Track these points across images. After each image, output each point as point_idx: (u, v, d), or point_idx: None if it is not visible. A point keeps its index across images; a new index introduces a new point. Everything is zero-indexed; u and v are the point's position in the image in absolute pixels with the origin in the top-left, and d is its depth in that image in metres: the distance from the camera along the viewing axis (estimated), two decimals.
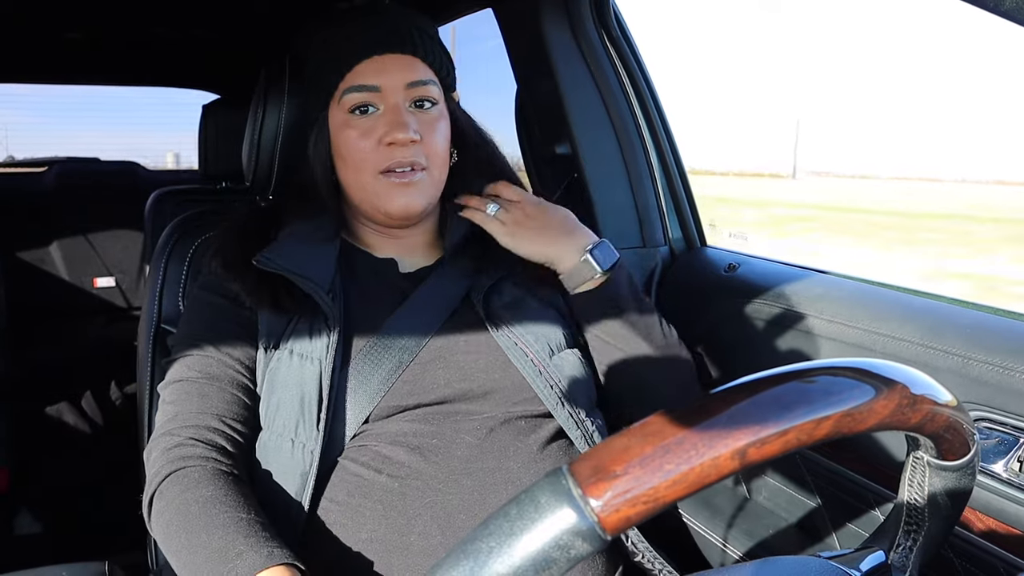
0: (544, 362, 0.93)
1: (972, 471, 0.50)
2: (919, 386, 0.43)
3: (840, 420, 0.38)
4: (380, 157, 0.93)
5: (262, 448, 0.89)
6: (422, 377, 0.90)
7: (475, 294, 0.97)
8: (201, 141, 1.72)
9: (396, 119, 0.92)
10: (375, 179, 0.94)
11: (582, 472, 0.35)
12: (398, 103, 0.93)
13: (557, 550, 0.33)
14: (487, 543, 0.34)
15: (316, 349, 0.88)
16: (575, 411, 0.93)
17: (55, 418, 2.41)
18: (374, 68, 0.93)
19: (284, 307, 0.90)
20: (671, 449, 0.34)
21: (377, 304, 0.95)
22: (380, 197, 0.94)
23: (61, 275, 2.81)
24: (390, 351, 0.90)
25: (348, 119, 0.94)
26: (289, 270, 0.91)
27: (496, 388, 0.91)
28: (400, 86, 0.93)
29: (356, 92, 0.93)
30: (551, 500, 0.34)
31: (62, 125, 5.04)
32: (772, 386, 0.38)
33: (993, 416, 0.90)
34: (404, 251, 1.02)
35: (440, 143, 0.96)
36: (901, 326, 1.03)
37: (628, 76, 1.50)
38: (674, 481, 0.34)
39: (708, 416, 0.36)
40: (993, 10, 0.51)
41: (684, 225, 1.55)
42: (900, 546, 0.55)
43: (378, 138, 0.92)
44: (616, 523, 0.34)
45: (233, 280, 0.93)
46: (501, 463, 0.88)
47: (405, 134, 0.91)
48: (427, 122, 0.95)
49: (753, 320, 1.26)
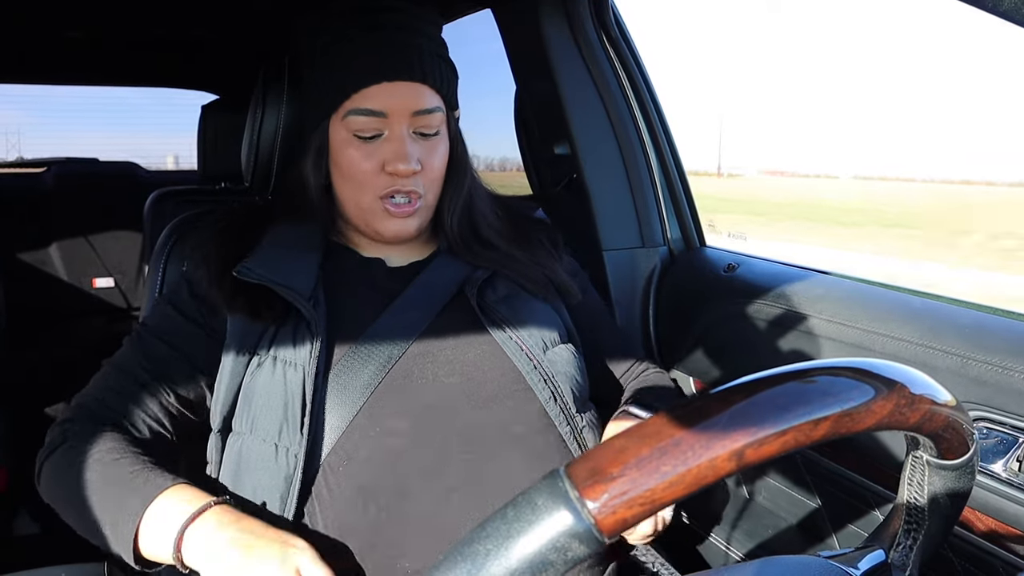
0: (539, 356, 0.93)
1: (972, 470, 0.50)
2: (917, 386, 0.43)
3: (838, 420, 0.37)
4: (381, 183, 0.93)
5: (246, 451, 0.88)
6: (411, 373, 0.90)
7: (469, 288, 0.97)
8: (200, 142, 1.72)
9: (400, 149, 0.92)
10: (373, 201, 0.94)
11: (579, 474, 0.35)
12: (403, 132, 0.92)
13: (554, 552, 0.33)
14: (484, 545, 0.34)
15: (299, 355, 0.88)
16: (567, 406, 0.93)
17: (54, 419, 2.40)
18: (383, 93, 0.91)
19: (262, 316, 0.90)
20: (668, 451, 0.34)
21: (363, 304, 0.94)
22: (376, 220, 0.95)
23: (60, 275, 2.81)
24: (378, 350, 0.90)
25: (351, 139, 0.93)
26: (270, 279, 0.90)
27: (487, 381, 0.91)
28: (407, 114, 0.92)
29: (362, 116, 0.92)
30: (548, 502, 0.34)
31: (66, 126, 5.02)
32: (769, 387, 0.38)
33: (992, 416, 0.90)
34: (394, 251, 1.02)
35: (439, 167, 0.97)
36: (900, 326, 1.03)
37: (627, 76, 1.50)
38: (671, 483, 0.34)
39: (705, 417, 0.36)
40: (991, 10, 0.51)
41: (683, 225, 1.55)
42: (900, 545, 0.55)
43: (380, 163, 0.93)
44: (613, 525, 0.34)
45: (212, 289, 0.93)
46: (496, 454, 0.87)
47: (407, 165, 0.92)
48: (428, 148, 0.95)
49: (752, 320, 1.26)
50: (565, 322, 1.02)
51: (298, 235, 0.97)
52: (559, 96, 1.46)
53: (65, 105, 3.90)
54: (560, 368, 0.94)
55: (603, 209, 1.48)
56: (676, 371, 1.44)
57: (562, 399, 0.93)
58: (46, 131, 4.26)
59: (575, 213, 1.50)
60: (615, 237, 1.49)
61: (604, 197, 1.49)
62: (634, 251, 1.51)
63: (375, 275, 0.99)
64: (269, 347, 0.89)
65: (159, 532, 0.78)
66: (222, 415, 0.91)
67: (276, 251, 0.95)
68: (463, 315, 0.95)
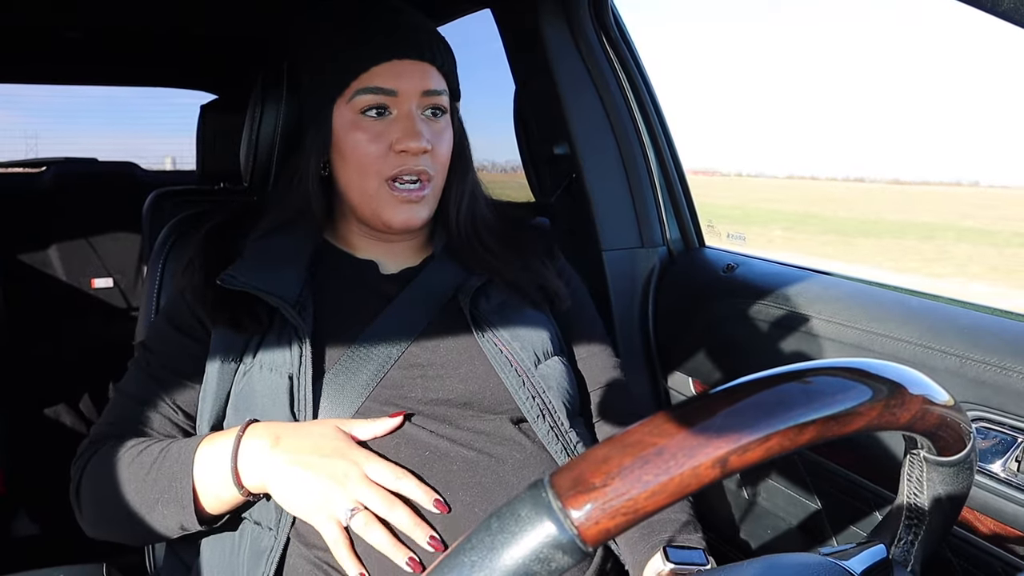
0: (529, 371, 0.91)
1: (970, 466, 0.50)
2: (908, 384, 0.42)
3: (824, 424, 0.37)
4: (389, 164, 0.91)
5: None
6: (400, 386, 0.88)
7: (463, 295, 0.94)
8: (199, 142, 1.72)
9: (410, 127, 0.90)
10: (380, 186, 0.92)
11: (562, 484, 0.34)
12: (412, 110, 0.91)
13: (538, 563, 0.33)
14: (469, 557, 0.34)
15: (287, 363, 0.86)
16: (557, 422, 0.90)
17: (53, 419, 2.40)
18: (393, 72, 0.90)
19: (243, 327, 0.89)
20: (650, 460, 0.34)
21: (354, 310, 0.93)
22: (384, 207, 0.92)
23: (59, 275, 2.81)
24: (368, 359, 0.88)
25: (358, 120, 0.91)
26: (253, 286, 0.88)
27: (474, 399, 0.89)
28: (416, 93, 0.91)
29: (372, 94, 0.90)
30: (531, 513, 0.34)
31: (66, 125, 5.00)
32: (752, 393, 0.37)
33: (991, 416, 0.90)
34: (389, 254, 0.99)
35: (446, 152, 0.95)
36: (899, 326, 1.03)
37: (627, 77, 1.50)
38: (653, 492, 0.34)
39: (688, 425, 0.35)
40: (991, 11, 0.51)
41: (682, 226, 1.55)
42: (902, 540, 0.54)
43: (389, 144, 0.90)
44: (596, 535, 0.34)
45: (198, 302, 0.92)
46: (492, 468, 0.86)
47: (418, 143, 0.89)
48: (437, 131, 0.93)
49: (752, 321, 1.26)
50: (558, 332, 1.00)
51: (288, 236, 0.95)
52: (559, 96, 1.46)
53: (65, 105, 3.90)
54: (552, 382, 0.92)
55: (602, 209, 1.48)
56: (675, 372, 1.43)
57: (552, 416, 0.90)
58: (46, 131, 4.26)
59: (574, 213, 1.50)
60: (614, 237, 1.49)
61: (603, 197, 1.48)
62: (633, 251, 1.50)
63: (368, 279, 0.97)
64: (255, 354, 0.88)
65: (214, 477, 0.82)
66: (211, 425, 0.90)
67: (262, 255, 0.93)
68: (455, 325, 0.93)
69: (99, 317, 2.82)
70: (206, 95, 2.88)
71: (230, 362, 0.89)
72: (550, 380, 0.92)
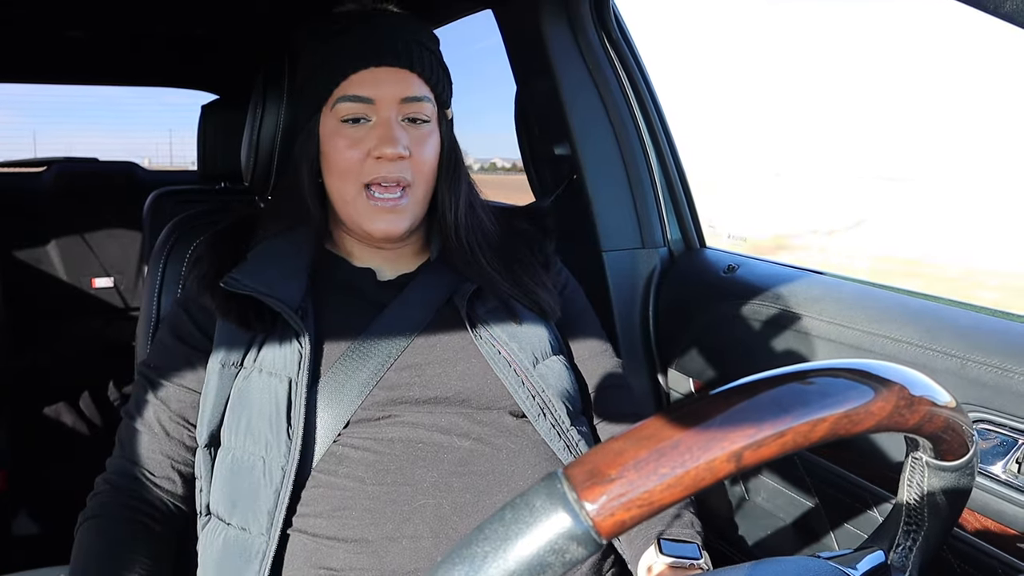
0: (527, 371, 0.91)
1: (971, 471, 0.50)
2: (917, 387, 0.43)
3: (837, 422, 0.37)
4: (366, 170, 0.92)
5: (235, 465, 0.88)
6: (397, 386, 0.88)
7: (459, 299, 0.95)
8: (200, 141, 1.72)
9: (387, 133, 0.91)
10: (358, 194, 0.92)
11: (577, 476, 0.35)
12: (390, 117, 0.92)
13: (552, 554, 0.33)
14: (482, 547, 0.34)
15: (286, 367, 0.87)
16: (558, 421, 0.91)
17: (53, 419, 2.40)
18: (370, 79, 0.91)
19: (251, 326, 0.90)
20: (666, 453, 0.34)
21: (352, 316, 0.93)
22: (362, 216, 0.93)
23: (59, 275, 2.81)
24: (364, 363, 0.89)
25: (339, 127, 0.92)
26: (257, 290, 0.90)
27: (471, 396, 0.89)
28: (394, 100, 0.92)
29: (349, 102, 0.91)
30: (546, 504, 0.34)
31: (65, 126, 5.00)
32: (768, 388, 0.37)
33: (991, 417, 0.90)
34: (386, 261, 1.00)
35: (429, 159, 0.95)
36: (900, 327, 1.03)
37: (628, 77, 1.50)
38: (668, 485, 0.34)
39: (703, 419, 0.36)
40: (993, 12, 0.51)
41: (683, 226, 1.55)
42: (900, 546, 0.55)
43: (367, 150, 0.91)
44: (611, 527, 0.34)
45: (205, 297, 0.93)
46: (488, 456, 0.87)
47: (394, 149, 0.90)
48: (418, 138, 0.93)
49: (752, 321, 1.26)
50: (556, 333, 1.01)
51: (290, 243, 0.96)
52: (559, 97, 1.46)
53: (65, 105, 3.91)
54: (551, 382, 0.93)
55: (603, 210, 1.48)
56: (675, 372, 1.44)
57: (553, 414, 0.91)
58: (46, 131, 4.27)
59: (575, 214, 1.50)
60: (615, 238, 1.49)
61: (604, 198, 1.49)
62: (634, 252, 1.50)
63: (364, 286, 0.98)
64: (256, 358, 0.89)
65: None
66: (210, 429, 0.90)
67: (266, 260, 0.94)
68: (452, 327, 0.94)
69: (99, 317, 2.83)
70: (206, 95, 2.88)
71: (231, 365, 0.90)
72: (549, 379, 0.93)
